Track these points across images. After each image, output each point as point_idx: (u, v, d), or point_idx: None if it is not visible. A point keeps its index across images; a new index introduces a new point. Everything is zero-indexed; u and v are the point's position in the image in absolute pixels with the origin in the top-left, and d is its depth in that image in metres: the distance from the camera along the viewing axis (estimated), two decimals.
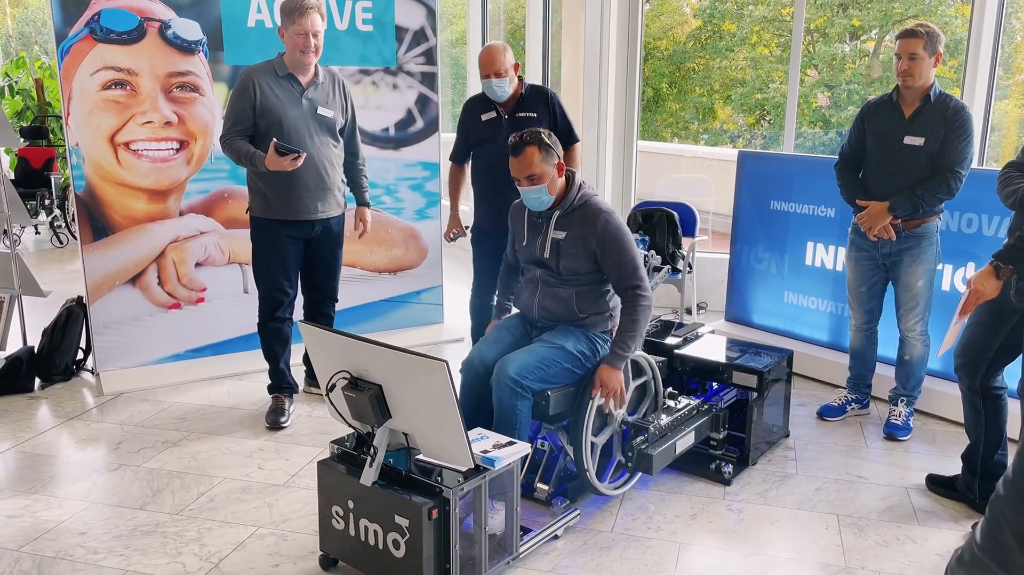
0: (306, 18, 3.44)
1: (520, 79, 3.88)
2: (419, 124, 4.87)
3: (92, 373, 4.36)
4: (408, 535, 2.33)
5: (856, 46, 15.85)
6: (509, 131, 3.82)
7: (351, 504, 2.47)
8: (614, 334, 2.96)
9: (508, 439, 2.60)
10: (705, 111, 16.87)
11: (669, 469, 3.21)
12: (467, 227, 4.18)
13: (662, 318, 3.91)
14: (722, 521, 2.94)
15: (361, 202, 3.96)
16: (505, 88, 3.79)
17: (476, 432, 2.62)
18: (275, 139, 3.39)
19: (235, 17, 4.29)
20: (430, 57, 4.86)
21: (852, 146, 3.57)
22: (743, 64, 16.29)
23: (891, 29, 14.61)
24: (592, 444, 2.91)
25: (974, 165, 4.56)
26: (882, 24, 15.09)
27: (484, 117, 3.88)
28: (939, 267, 3.62)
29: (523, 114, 3.85)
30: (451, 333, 5.02)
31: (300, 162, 3.41)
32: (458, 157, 4.08)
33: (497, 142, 3.84)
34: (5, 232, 4.51)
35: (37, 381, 4.27)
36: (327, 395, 2.49)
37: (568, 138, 3.87)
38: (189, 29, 4.19)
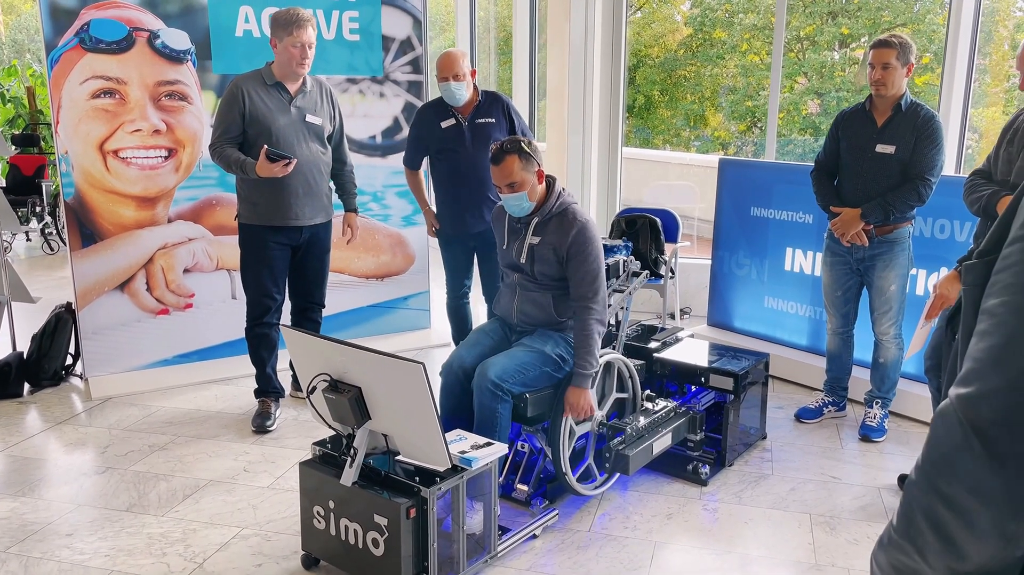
0: (303, 31, 3.51)
1: (475, 86, 3.96)
2: (405, 132, 4.93)
3: (81, 378, 4.40)
4: (387, 534, 2.39)
5: (845, 54, 15.99)
6: (471, 137, 3.90)
7: (332, 504, 2.53)
8: (575, 352, 2.95)
9: (486, 440, 2.66)
10: (696, 118, 16.98)
11: (647, 470, 3.27)
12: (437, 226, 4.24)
13: (643, 323, 3.98)
14: (697, 520, 3.00)
15: (349, 208, 4.02)
16: (463, 92, 3.86)
17: (455, 433, 2.68)
18: (266, 146, 3.45)
19: (223, 27, 4.36)
20: (416, 66, 4.93)
21: (827, 154, 3.65)
22: (734, 72, 16.42)
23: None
24: (571, 431, 2.96)
25: (950, 172, 4.65)
26: (871, 32, 15.22)
27: (444, 124, 3.94)
28: (912, 272, 3.70)
29: (482, 120, 3.93)
30: (438, 338, 5.08)
31: (290, 168, 3.47)
32: (414, 163, 4.15)
33: (459, 149, 3.92)
34: None
35: (26, 386, 4.31)
36: (308, 397, 2.54)
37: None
38: (178, 39, 4.25)
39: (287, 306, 3.94)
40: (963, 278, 0.96)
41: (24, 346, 4.41)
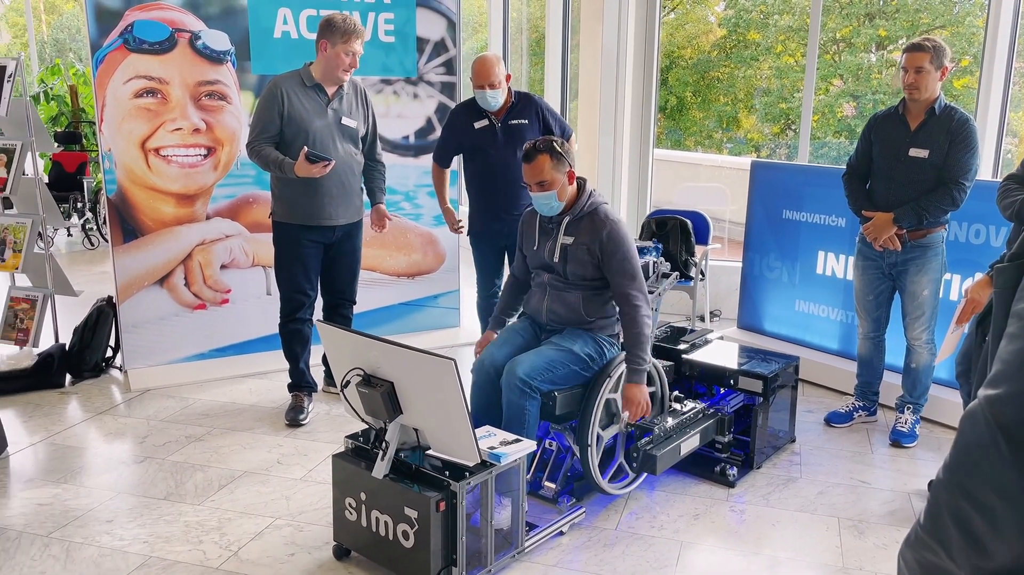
0: (358, 40, 3.58)
1: (509, 88, 3.99)
2: (438, 132, 4.98)
3: (120, 370, 4.52)
4: (417, 526, 2.44)
5: (883, 56, 15.80)
6: (503, 139, 3.95)
7: (363, 496, 2.58)
8: (624, 347, 3.04)
9: (515, 437, 2.70)
10: (729, 120, 16.88)
11: (674, 471, 3.29)
12: (460, 222, 4.33)
13: (673, 325, 3.99)
14: (724, 521, 3.01)
15: (376, 201, 4.00)
16: (498, 99, 3.92)
17: (484, 430, 2.72)
18: (306, 147, 3.51)
19: (262, 28, 4.45)
20: (450, 67, 4.99)
21: (859, 158, 3.64)
22: (768, 73, 16.29)
23: None
24: (599, 437, 3.00)
25: (987, 176, 4.60)
26: (908, 34, 15.02)
27: (477, 125, 3.99)
28: (947, 277, 3.67)
29: (515, 121, 3.97)
30: (467, 336, 5.13)
31: (328, 169, 3.53)
32: (444, 160, 4.22)
33: (491, 150, 3.97)
34: (40, 235, 4.68)
35: (68, 377, 4.43)
36: (342, 391, 2.60)
37: (562, 136, 4.04)
38: (218, 40, 4.35)
39: (320, 302, 4.01)
40: (994, 281, 0.98)
41: (66, 338, 4.54)
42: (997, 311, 0.96)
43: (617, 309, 3.10)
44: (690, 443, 3.16)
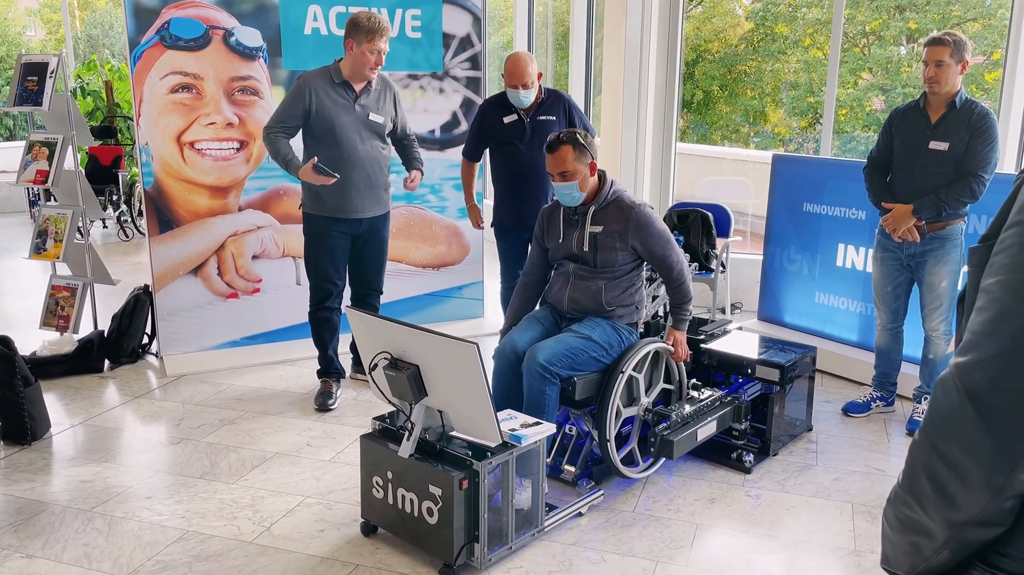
0: (383, 39, 3.69)
1: (539, 85, 4.08)
2: (463, 127, 5.09)
3: (156, 356, 4.68)
4: (441, 504, 2.54)
5: (912, 49, 15.63)
6: (531, 134, 4.03)
7: (390, 475, 2.69)
8: (672, 308, 3.30)
9: (535, 420, 2.79)
10: (756, 114, 16.78)
11: (692, 456, 3.36)
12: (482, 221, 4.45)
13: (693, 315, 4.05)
14: (740, 505, 3.08)
15: (412, 168, 4.06)
16: (530, 98, 4.01)
17: (505, 413, 2.82)
18: (316, 158, 3.62)
19: (293, 25, 4.57)
20: (475, 62, 5.08)
21: (880, 151, 3.68)
22: (796, 67, 16.18)
23: None
24: (619, 412, 3.10)
25: (1009, 169, 4.60)
26: (939, 27, 14.84)
27: (506, 120, 4.08)
28: (965, 269, 3.69)
29: (543, 117, 4.06)
30: (491, 327, 5.22)
31: (331, 183, 3.64)
32: (473, 154, 4.30)
33: (519, 144, 4.05)
34: (80, 231, 4.84)
35: (106, 362, 4.60)
36: (370, 374, 2.71)
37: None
38: (251, 36, 4.48)
39: (347, 292, 4.12)
40: (968, 260, 1.06)
41: (105, 325, 4.70)
42: (970, 288, 1.04)
43: (636, 296, 3.19)
44: (707, 429, 3.23)
